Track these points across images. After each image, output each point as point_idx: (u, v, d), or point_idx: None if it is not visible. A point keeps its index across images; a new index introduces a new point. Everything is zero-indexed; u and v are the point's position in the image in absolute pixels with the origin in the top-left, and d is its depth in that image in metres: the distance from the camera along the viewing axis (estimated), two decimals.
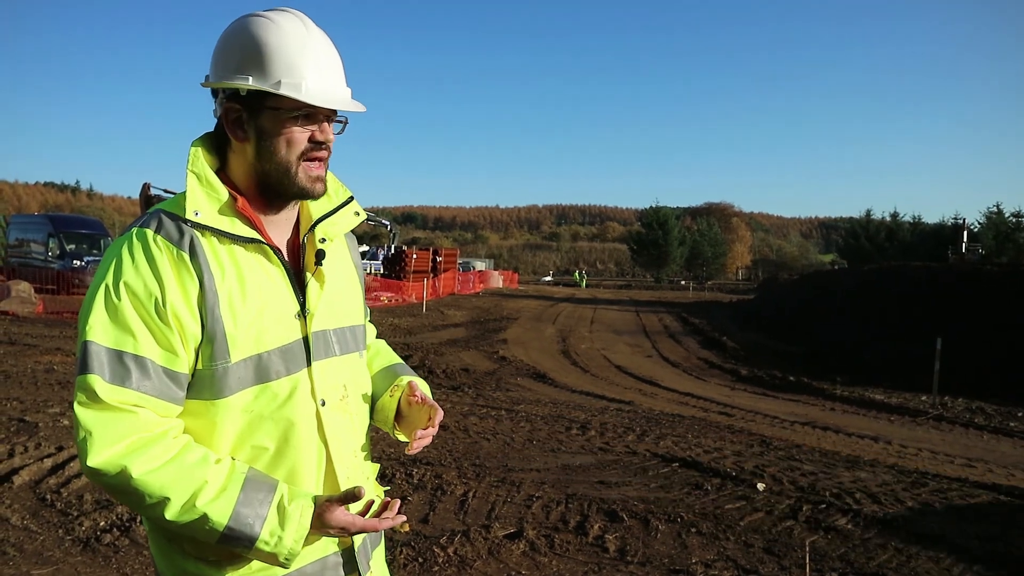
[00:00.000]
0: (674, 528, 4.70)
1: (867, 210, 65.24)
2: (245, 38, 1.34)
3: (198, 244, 1.30)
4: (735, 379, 14.11)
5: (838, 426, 9.21)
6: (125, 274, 1.25)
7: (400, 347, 14.88)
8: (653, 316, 28.20)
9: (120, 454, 1.20)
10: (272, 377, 1.34)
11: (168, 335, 1.26)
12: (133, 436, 1.21)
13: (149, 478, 1.20)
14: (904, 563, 4.29)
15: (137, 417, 1.23)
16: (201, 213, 1.31)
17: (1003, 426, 9.99)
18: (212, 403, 1.31)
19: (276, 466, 1.36)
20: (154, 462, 1.21)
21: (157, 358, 1.25)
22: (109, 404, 1.21)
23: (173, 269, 1.27)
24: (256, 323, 1.33)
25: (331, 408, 1.43)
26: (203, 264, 1.29)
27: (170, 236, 1.29)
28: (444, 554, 4.12)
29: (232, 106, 1.35)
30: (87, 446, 1.20)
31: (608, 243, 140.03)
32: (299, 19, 1.37)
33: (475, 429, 7.39)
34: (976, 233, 49.31)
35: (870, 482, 6.00)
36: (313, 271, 1.44)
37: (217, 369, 1.29)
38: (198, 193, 1.33)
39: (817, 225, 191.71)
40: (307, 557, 1.38)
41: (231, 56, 1.35)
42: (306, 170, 1.39)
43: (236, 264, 1.33)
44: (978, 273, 19.51)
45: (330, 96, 1.36)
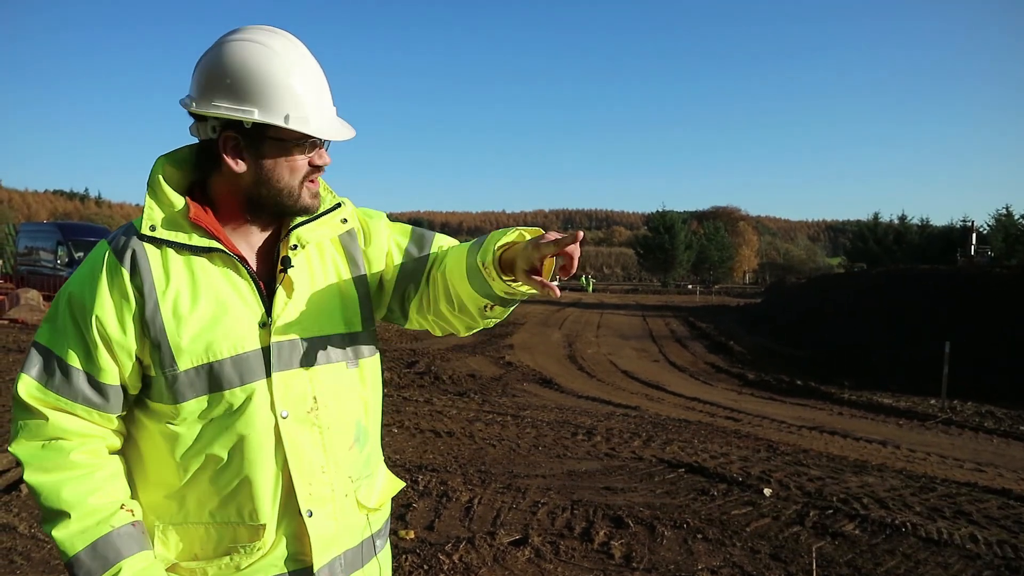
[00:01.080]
0: (680, 534, 4.68)
1: (875, 213, 65.03)
2: (243, 67, 1.30)
3: (143, 258, 1.33)
4: (742, 383, 14.06)
5: (846, 430, 9.15)
6: (72, 284, 1.35)
7: (406, 353, 14.90)
8: (660, 320, 28.15)
9: (26, 453, 1.32)
10: (224, 386, 1.33)
11: (94, 348, 1.32)
12: (44, 437, 1.32)
13: (36, 484, 1.31)
14: (912, 569, 4.26)
15: (47, 422, 1.32)
16: (157, 227, 1.34)
17: (1013, 430, 9.91)
18: (173, 407, 1.34)
19: (228, 478, 1.35)
20: (51, 474, 1.31)
21: (80, 365, 1.32)
22: (26, 403, 1.32)
23: (108, 285, 1.32)
24: (207, 332, 1.33)
25: (295, 421, 1.37)
26: (145, 277, 1.32)
27: (116, 250, 1.34)
28: (449, 561, 4.12)
29: (230, 135, 1.33)
30: (12, 431, 1.34)
31: (614, 247, 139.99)
32: (290, 42, 1.35)
33: (481, 435, 7.38)
34: (985, 235, 48.99)
35: (878, 487, 5.97)
36: (280, 279, 1.40)
37: (167, 376, 1.32)
38: (153, 207, 1.36)
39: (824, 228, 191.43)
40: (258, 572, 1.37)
41: (228, 86, 1.31)
42: (308, 189, 1.42)
43: (190, 274, 1.34)
44: (987, 276, 19.40)
45: (331, 126, 1.39)
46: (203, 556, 1.38)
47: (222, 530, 1.37)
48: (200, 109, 1.33)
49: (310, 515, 1.39)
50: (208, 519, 1.37)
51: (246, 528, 1.36)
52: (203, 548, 1.38)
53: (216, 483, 1.35)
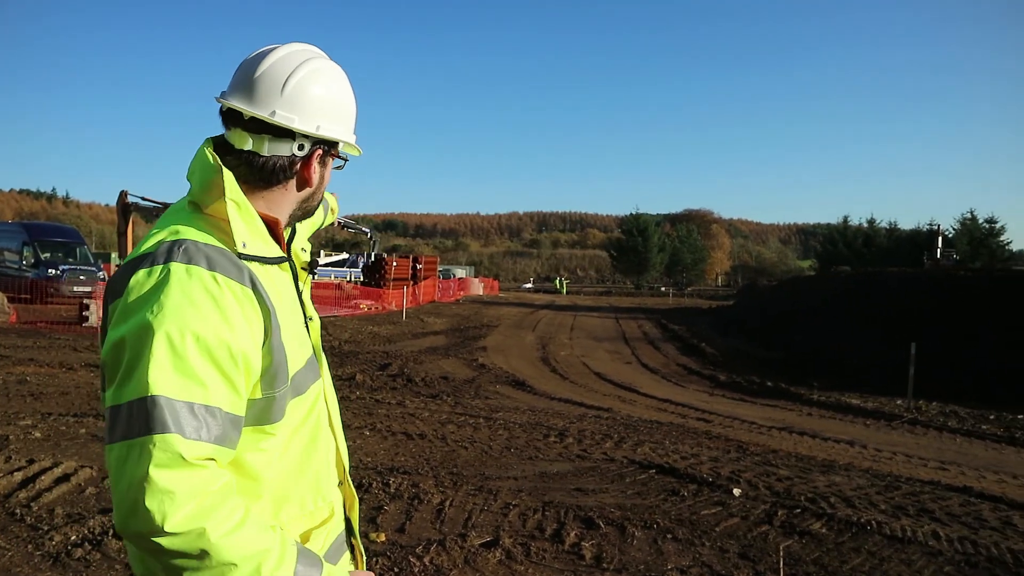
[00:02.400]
0: (650, 534, 4.71)
1: (844, 216, 66.14)
2: (339, 92, 1.43)
3: (255, 277, 1.27)
4: (713, 385, 14.19)
5: (814, 431, 9.28)
6: (190, 320, 1.16)
7: (379, 355, 14.83)
8: (633, 322, 28.32)
9: (198, 514, 1.11)
10: (304, 389, 1.37)
11: (236, 380, 1.20)
12: (205, 494, 1.13)
13: (225, 542, 1.13)
14: (877, 566, 4.34)
15: (208, 472, 1.15)
16: (248, 244, 1.29)
17: (976, 429, 10.12)
18: (272, 426, 1.30)
19: (305, 470, 1.40)
20: (227, 524, 1.14)
21: (225, 406, 1.19)
22: (190, 462, 1.12)
23: (240, 311, 1.22)
24: (293, 341, 1.35)
25: (332, 404, 1.54)
26: (264, 297, 1.27)
27: (230, 273, 1.23)
28: (420, 563, 4.11)
29: (319, 152, 1.42)
30: (166, 509, 1.09)
31: (588, 250, 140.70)
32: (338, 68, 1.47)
33: (453, 437, 7.37)
34: (951, 239, 49.98)
35: (845, 486, 6.06)
36: (304, 279, 1.51)
37: (277, 395, 1.29)
38: (239, 223, 1.29)
39: (796, 231, 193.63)
40: (327, 543, 1.44)
41: (331, 108, 1.41)
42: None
43: (276, 287, 1.34)
44: (952, 278, 19.80)
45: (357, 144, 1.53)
46: None
47: (296, 523, 1.38)
48: (295, 126, 1.36)
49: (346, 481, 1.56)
50: (283, 519, 1.36)
51: (318, 511, 1.43)
52: None
53: (292, 482, 1.37)
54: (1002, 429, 10.18)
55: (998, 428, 10.26)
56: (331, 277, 37.04)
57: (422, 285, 34.23)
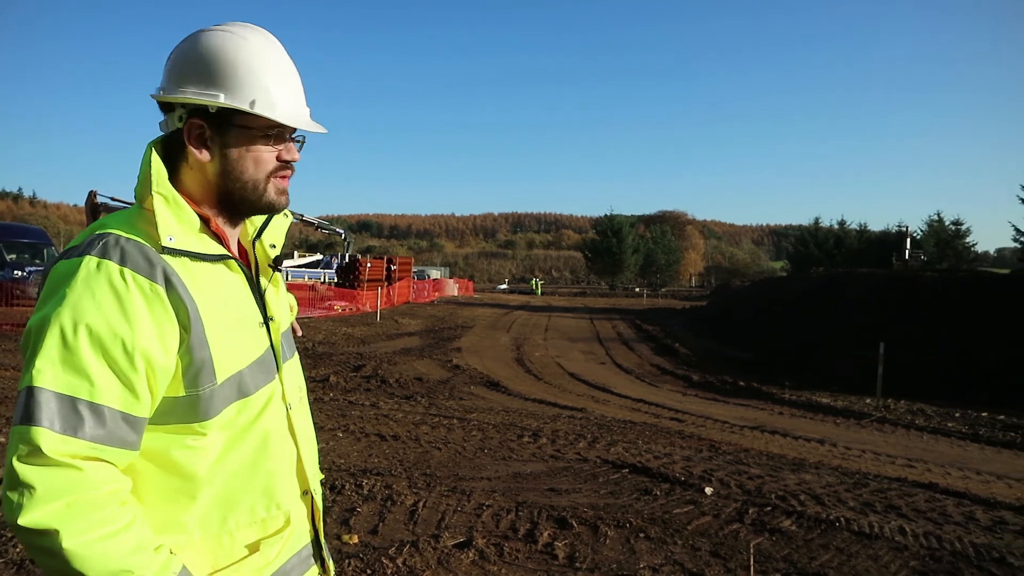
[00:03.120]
0: (623, 533, 4.74)
1: (816, 218, 66.92)
2: (212, 53, 1.29)
3: (172, 273, 1.23)
4: (687, 385, 14.30)
5: (786, 430, 9.39)
6: (86, 314, 1.14)
7: (353, 356, 14.75)
8: (607, 323, 28.44)
9: (55, 515, 1.08)
10: (251, 391, 1.33)
11: (133, 379, 1.17)
12: (73, 495, 1.10)
13: (82, 551, 1.09)
14: (845, 562, 4.40)
15: (83, 474, 1.12)
16: (175, 238, 1.25)
17: (942, 426, 10.31)
18: (201, 424, 1.27)
19: (255, 478, 1.35)
20: (90, 532, 1.10)
21: (116, 404, 1.16)
22: (54, 459, 1.10)
23: (147, 306, 1.19)
24: (234, 340, 1.31)
25: (296, 409, 1.47)
26: (182, 293, 1.23)
27: (139, 268, 1.20)
28: (393, 565, 4.09)
29: (196, 122, 1.30)
30: (22, 502, 1.08)
31: (563, 251, 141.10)
32: (265, 36, 1.35)
33: (427, 438, 7.36)
34: (919, 240, 50.83)
35: (814, 484, 6.14)
36: (269, 277, 1.46)
37: (203, 393, 1.26)
38: (168, 216, 1.27)
39: (768, 232, 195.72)
40: (284, 556, 1.39)
41: (197, 71, 1.29)
42: (275, 185, 1.38)
43: (211, 284, 1.30)
44: (919, 279, 20.13)
45: (300, 117, 1.36)
46: (224, 563, 1.32)
47: (246, 531, 1.34)
48: (166, 96, 1.31)
49: (314, 492, 1.50)
50: (229, 526, 1.32)
51: (271, 520, 1.38)
52: (225, 555, 1.32)
53: (239, 487, 1.33)
54: (967, 427, 10.38)
55: (963, 426, 10.46)
56: (305, 278, 36.74)
57: (396, 286, 34.09)
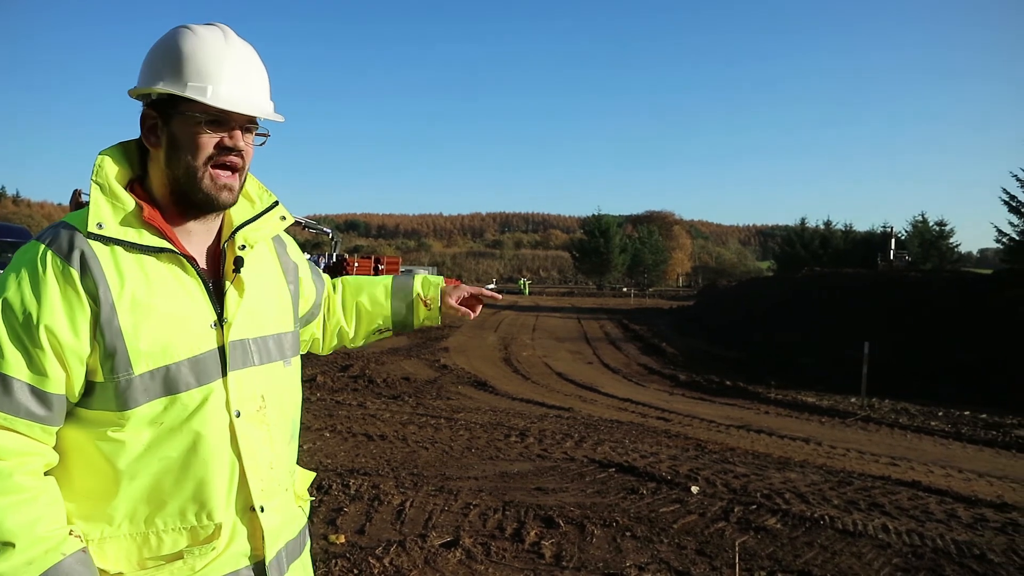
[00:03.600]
0: (609, 532, 4.76)
1: (802, 218, 67.27)
2: (164, 47, 1.36)
3: (92, 258, 1.26)
4: (673, 384, 14.35)
5: (771, 429, 9.45)
6: (6, 289, 1.23)
7: (340, 356, 14.71)
8: (595, 323, 28.49)
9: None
10: (181, 388, 1.31)
11: (40, 355, 1.23)
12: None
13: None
14: (829, 559, 4.44)
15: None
16: (105, 225, 1.28)
17: (925, 425, 10.41)
18: (119, 414, 1.28)
19: (182, 481, 1.33)
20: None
21: (24, 377, 1.22)
22: None
23: (58, 287, 1.24)
24: (164, 334, 1.30)
25: (246, 420, 1.40)
26: (98, 278, 1.25)
27: (60, 251, 1.26)
28: (380, 565, 4.09)
29: (148, 112, 1.36)
30: None
31: (551, 250, 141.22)
32: (220, 30, 1.38)
33: (414, 438, 7.35)
34: (903, 241, 51.25)
35: (799, 482, 6.18)
36: (232, 279, 1.42)
37: (120, 381, 1.26)
38: (102, 204, 1.31)
39: (755, 233, 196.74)
40: (214, 571, 1.36)
41: (151, 64, 1.36)
42: (212, 177, 1.37)
43: (144, 275, 1.30)
44: (904, 279, 20.31)
45: (240, 102, 1.35)
46: (152, 564, 1.32)
47: (174, 535, 1.33)
48: (130, 92, 1.38)
49: (262, 510, 1.41)
50: (157, 525, 1.32)
51: (201, 529, 1.34)
52: (152, 555, 1.32)
53: (167, 488, 1.32)
54: (950, 425, 10.48)
55: (946, 424, 10.56)
56: None
57: None
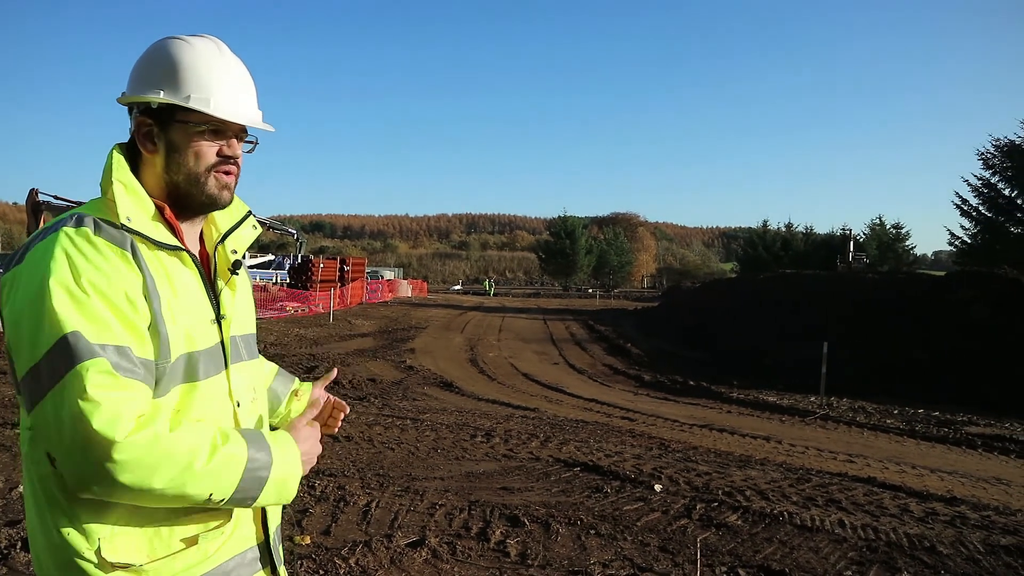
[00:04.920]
0: (574, 531, 4.82)
1: (764, 220, 68.37)
2: (159, 56, 1.40)
3: (137, 247, 1.32)
4: (638, 384, 14.50)
5: (733, 427, 9.61)
6: (83, 271, 1.22)
7: (306, 358, 14.60)
8: (560, 324, 28.62)
9: (146, 426, 1.18)
10: (200, 377, 1.37)
11: (138, 323, 1.25)
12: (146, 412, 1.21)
13: (177, 435, 1.21)
14: (787, 554, 4.55)
15: (139, 397, 1.21)
16: (132, 220, 1.33)
17: (881, 423, 10.68)
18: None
19: None
20: (169, 424, 1.23)
21: (134, 348, 1.23)
22: (125, 382, 1.19)
23: (125, 265, 1.27)
24: (186, 325, 1.36)
25: (245, 409, 1.49)
26: (142, 264, 1.31)
27: (112, 238, 1.29)
28: (346, 565, 4.10)
29: (144, 120, 1.40)
30: (115, 426, 1.14)
31: (517, 252, 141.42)
32: (214, 43, 1.44)
33: (380, 439, 7.35)
34: (861, 243, 52.30)
35: (760, 480, 6.32)
36: (227, 280, 1.51)
37: (160, 366, 1.30)
38: (126, 200, 1.35)
39: (718, 235, 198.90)
40: (225, 554, 1.41)
41: (145, 72, 1.40)
42: (216, 179, 1.43)
43: (164, 269, 1.36)
44: (861, 280, 20.76)
45: (238, 112, 1.42)
46: (168, 551, 1.34)
47: (187, 522, 1.36)
48: (122, 98, 1.42)
49: None
50: (172, 514, 1.34)
51: (212, 515, 1.39)
52: (164, 544, 1.34)
53: None
54: (904, 423, 10.78)
55: (901, 422, 10.85)
56: (257, 279, 36.18)
57: (350, 287, 33.79)
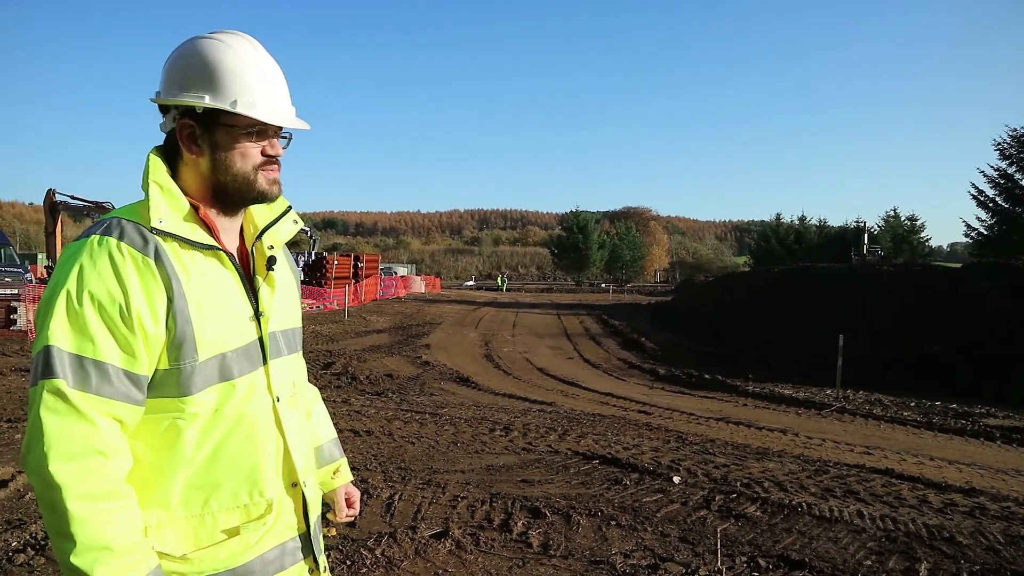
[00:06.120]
0: (595, 522, 4.88)
1: (777, 214, 68.00)
2: (199, 58, 1.42)
3: (163, 250, 1.36)
4: (653, 379, 14.52)
5: (750, 420, 9.64)
6: (88, 281, 1.29)
7: (322, 354, 14.73)
8: (574, 319, 28.66)
9: (70, 474, 1.22)
10: (235, 375, 1.42)
11: (130, 339, 1.30)
12: (93, 452, 1.24)
13: (79, 513, 1.21)
14: (807, 544, 4.59)
15: (97, 430, 1.26)
16: (165, 221, 1.38)
17: (898, 416, 10.66)
18: (181, 400, 1.36)
19: (238, 462, 1.42)
20: (92, 502, 1.23)
21: (118, 362, 1.29)
22: (75, 408, 1.24)
23: (138, 275, 1.32)
24: (220, 323, 1.40)
25: (285, 404, 1.53)
26: (169, 269, 1.35)
27: (134, 243, 1.34)
28: (372, 556, 4.18)
29: (186, 122, 1.43)
30: (49, 450, 1.22)
31: (529, 247, 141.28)
32: (249, 42, 1.47)
33: (399, 433, 7.43)
34: (876, 235, 51.91)
35: (778, 472, 6.35)
36: (264, 276, 1.53)
37: (185, 368, 1.35)
38: (161, 202, 1.40)
39: (731, 228, 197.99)
40: (267, 544, 1.46)
41: (185, 75, 1.43)
42: (265, 175, 1.48)
43: (198, 269, 1.40)
44: (877, 273, 20.64)
45: (281, 115, 1.47)
46: (209, 542, 1.40)
47: (228, 514, 1.42)
48: (160, 100, 1.45)
49: (305, 485, 1.55)
50: (212, 507, 1.40)
51: (253, 506, 1.44)
52: (209, 535, 1.40)
53: (221, 469, 1.40)
54: (921, 415, 10.75)
55: (918, 415, 10.82)
56: None
57: (364, 284, 33.97)
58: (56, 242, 23.68)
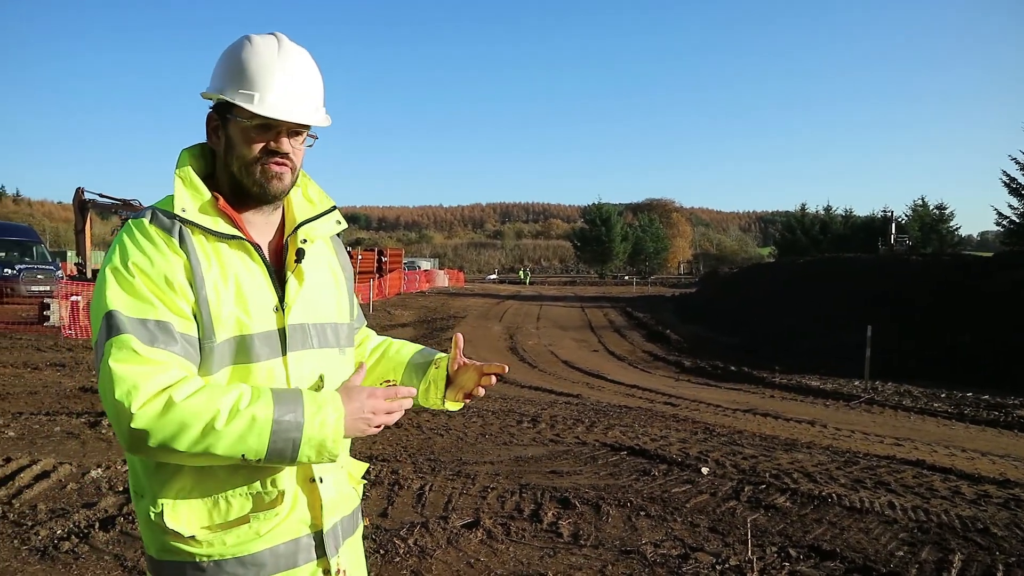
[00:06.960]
0: (624, 512, 4.91)
1: (802, 204, 67.28)
2: (225, 56, 1.51)
3: (187, 235, 1.43)
4: (679, 370, 14.50)
5: (777, 412, 9.60)
6: (131, 255, 1.38)
7: None
8: (598, 311, 28.63)
9: (160, 395, 1.28)
10: (252, 360, 1.45)
11: (179, 302, 1.38)
12: (168, 383, 1.30)
13: (191, 401, 1.28)
14: (837, 535, 4.58)
15: (169, 371, 1.32)
16: (187, 210, 1.45)
17: (928, 407, 10.56)
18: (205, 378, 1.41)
19: None
20: (190, 389, 1.30)
21: (176, 324, 1.36)
22: (146, 358, 1.30)
23: (169, 249, 1.40)
24: (238, 309, 1.45)
25: None
26: (190, 251, 1.42)
27: (162, 225, 1.43)
28: (405, 545, 4.24)
29: (212, 115, 1.53)
30: (131, 397, 1.27)
31: (552, 240, 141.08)
32: (276, 40, 1.49)
33: (428, 426, 7.51)
34: (903, 225, 51.21)
35: (806, 463, 6.33)
36: (293, 269, 1.54)
37: (204, 347, 1.40)
38: (183, 193, 1.47)
39: (755, 219, 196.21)
40: (279, 537, 1.47)
41: (215, 71, 1.52)
42: (263, 169, 1.50)
43: (219, 257, 1.46)
44: (905, 263, 20.41)
45: (284, 111, 1.46)
46: (222, 525, 1.43)
47: (241, 500, 1.44)
48: (203, 94, 1.53)
49: (321, 481, 1.52)
50: (228, 489, 1.43)
51: (265, 495, 1.45)
52: (221, 518, 1.43)
53: None
54: (952, 407, 10.64)
55: (948, 406, 10.71)
56: None
57: (388, 278, 34.18)
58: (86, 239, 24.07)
